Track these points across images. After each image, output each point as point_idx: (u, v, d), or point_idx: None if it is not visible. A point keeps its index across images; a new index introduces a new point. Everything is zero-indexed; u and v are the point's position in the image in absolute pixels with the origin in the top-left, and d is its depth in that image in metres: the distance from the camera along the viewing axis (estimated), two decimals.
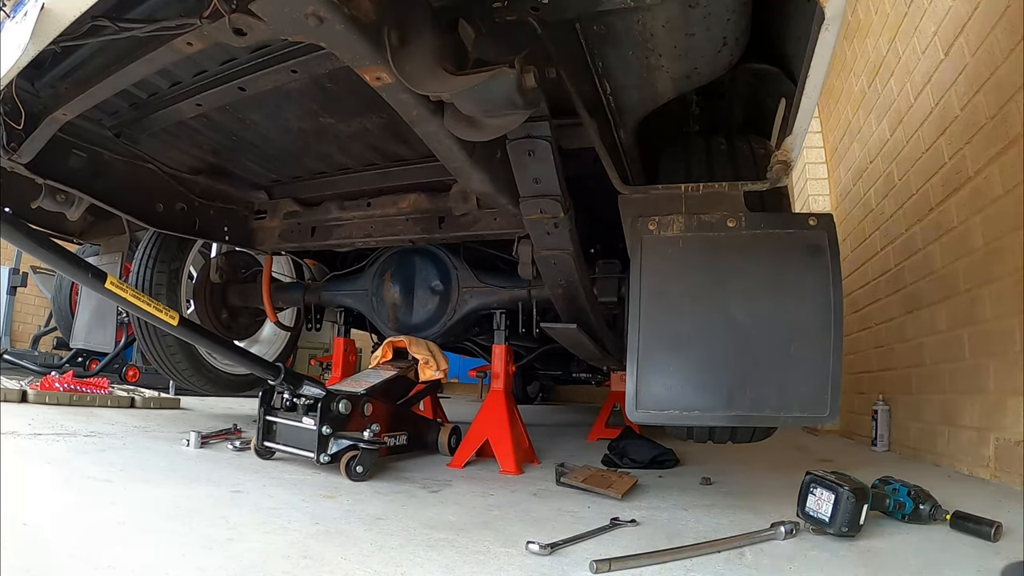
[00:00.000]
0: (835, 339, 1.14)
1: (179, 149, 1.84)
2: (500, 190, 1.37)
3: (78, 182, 1.67)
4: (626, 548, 1.08)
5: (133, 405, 2.80)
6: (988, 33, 1.75)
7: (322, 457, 1.57)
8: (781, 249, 1.21)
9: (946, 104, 2.04)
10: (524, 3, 1.03)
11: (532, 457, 2.05)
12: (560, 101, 1.22)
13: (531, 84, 0.94)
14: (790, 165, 1.20)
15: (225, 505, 1.21)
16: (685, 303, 1.22)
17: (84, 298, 2.53)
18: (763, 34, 1.33)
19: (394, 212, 2.03)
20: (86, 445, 1.73)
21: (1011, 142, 1.64)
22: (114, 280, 1.41)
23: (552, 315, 1.86)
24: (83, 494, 1.19)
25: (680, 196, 1.30)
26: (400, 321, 2.25)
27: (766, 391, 1.16)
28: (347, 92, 1.43)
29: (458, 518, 1.24)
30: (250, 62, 1.33)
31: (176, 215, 2.00)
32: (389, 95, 0.99)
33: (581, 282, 1.61)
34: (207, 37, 0.99)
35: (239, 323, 2.69)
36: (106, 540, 0.93)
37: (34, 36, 0.95)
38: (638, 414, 1.21)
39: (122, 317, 3.20)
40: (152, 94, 1.53)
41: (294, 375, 1.69)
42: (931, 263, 2.16)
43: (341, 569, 0.89)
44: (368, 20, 0.84)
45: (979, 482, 1.67)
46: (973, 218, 1.85)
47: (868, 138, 2.88)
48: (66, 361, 4.22)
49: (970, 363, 1.86)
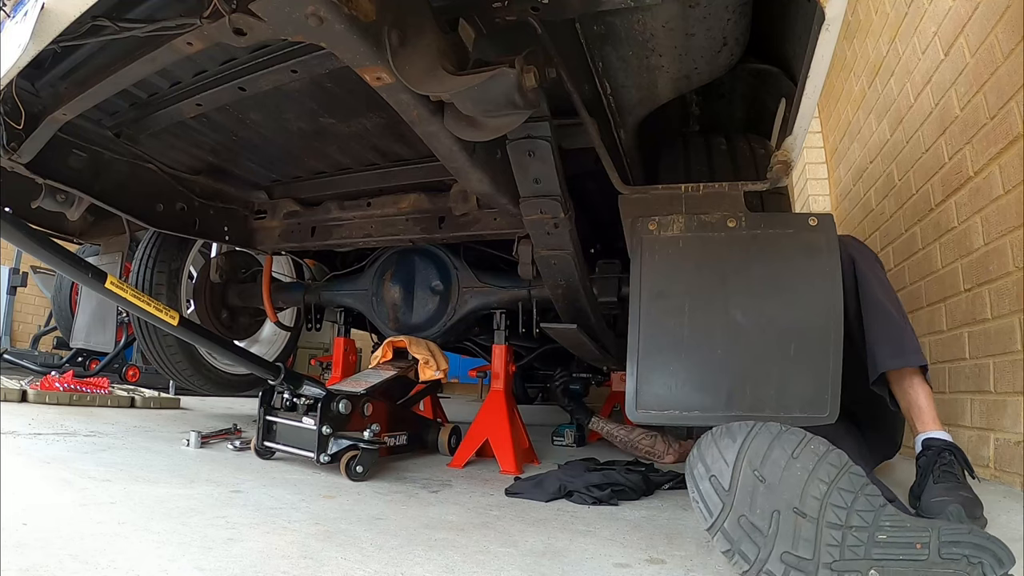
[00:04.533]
0: (835, 339, 1.14)
1: (179, 149, 1.84)
2: (500, 190, 1.37)
3: (78, 182, 1.67)
4: (626, 547, 1.08)
5: (133, 405, 2.80)
6: (988, 33, 1.75)
7: (322, 457, 1.57)
8: (781, 249, 1.21)
9: (946, 104, 2.04)
10: (524, 3, 1.03)
11: (532, 457, 2.05)
12: (560, 101, 1.22)
13: (531, 84, 0.94)
14: (790, 165, 1.20)
15: (225, 505, 1.21)
16: (685, 303, 1.22)
17: (84, 298, 2.53)
18: (763, 34, 1.33)
19: (394, 212, 2.03)
20: (86, 445, 1.73)
21: (1011, 142, 1.64)
22: (114, 280, 1.41)
23: (552, 315, 1.86)
24: (83, 494, 1.19)
25: (680, 196, 1.30)
26: (400, 321, 2.25)
27: (766, 391, 1.16)
28: (347, 92, 1.43)
29: (458, 518, 1.24)
30: (250, 62, 1.33)
31: (176, 215, 2.00)
32: (389, 95, 0.99)
33: (581, 282, 1.61)
34: (207, 37, 1.00)
35: (239, 323, 2.69)
36: (106, 540, 0.93)
37: (34, 36, 0.95)
38: (638, 414, 1.21)
39: (122, 317, 3.21)
40: (152, 94, 1.53)
41: (294, 375, 1.69)
42: (931, 263, 2.16)
43: (341, 569, 0.89)
44: (368, 20, 0.84)
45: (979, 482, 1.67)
46: (973, 218, 1.85)
47: (868, 138, 2.88)
48: (66, 361, 4.22)
49: (970, 363, 1.86)
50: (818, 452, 0.71)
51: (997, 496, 1.48)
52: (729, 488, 0.69)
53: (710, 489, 0.71)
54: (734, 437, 0.72)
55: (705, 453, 0.74)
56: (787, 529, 0.66)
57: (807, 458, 0.69)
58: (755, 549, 0.66)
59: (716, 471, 0.71)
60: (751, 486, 0.69)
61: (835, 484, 0.68)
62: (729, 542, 0.67)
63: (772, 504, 0.67)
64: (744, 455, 0.70)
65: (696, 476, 0.73)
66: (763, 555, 0.65)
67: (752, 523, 0.67)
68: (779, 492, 0.68)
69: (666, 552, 1.07)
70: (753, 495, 0.68)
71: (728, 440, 0.72)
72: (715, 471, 0.71)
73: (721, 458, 0.71)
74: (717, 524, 0.69)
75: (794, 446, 0.71)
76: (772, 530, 0.66)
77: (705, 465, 0.72)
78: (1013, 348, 1.62)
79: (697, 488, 0.73)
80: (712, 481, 0.71)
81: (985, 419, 1.75)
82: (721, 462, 0.71)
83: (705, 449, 0.75)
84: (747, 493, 0.68)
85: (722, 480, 0.70)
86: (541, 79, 0.96)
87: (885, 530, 0.66)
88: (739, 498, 0.68)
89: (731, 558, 0.68)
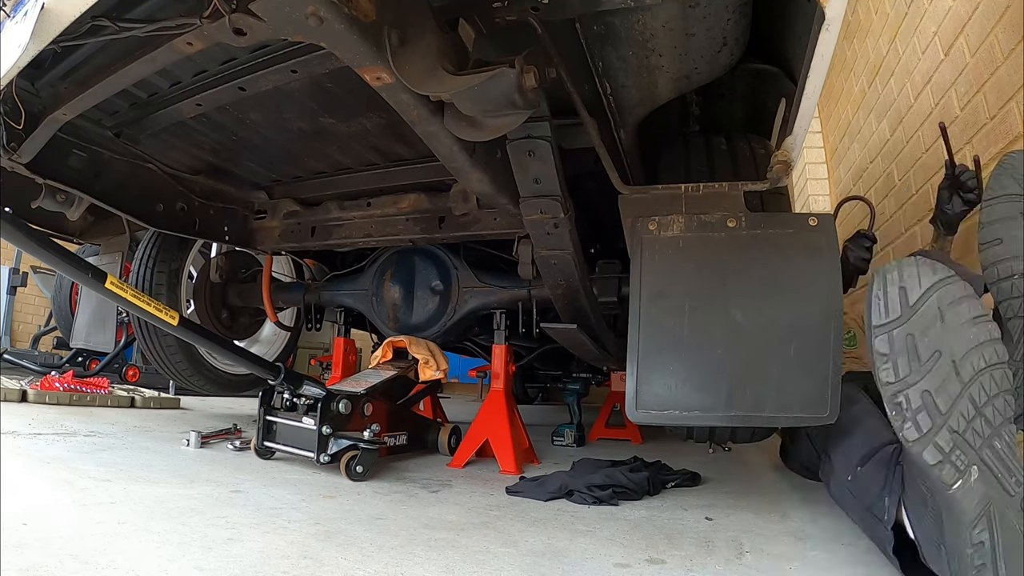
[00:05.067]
0: (835, 339, 1.14)
1: (179, 149, 1.84)
2: (500, 190, 1.37)
3: (78, 182, 1.67)
4: (626, 547, 1.08)
5: (133, 405, 2.80)
6: (988, 33, 1.75)
7: (322, 457, 1.57)
8: (781, 249, 1.21)
9: (946, 104, 2.04)
10: (524, 3, 1.03)
11: (532, 457, 2.05)
12: (560, 101, 1.22)
13: (531, 84, 0.94)
14: (790, 165, 1.20)
15: (225, 505, 1.21)
16: (685, 303, 1.22)
17: (84, 298, 2.53)
18: (763, 34, 1.33)
19: (394, 212, 2.03)
20: (86, 445, 1.73)
21: (1011, 142, 1.64)
22: (114, 280, 1.41)
23: (552, 315, 1.86)
24: (83, 494, 1.19)
25: (680, 196, 1.30)
26: (400, 321, 2.25)
27: (766, 391, 1.16)
28: (347, 92, 1.43)
29: (458, 518, 1.24)
30: (250, 62, 1.33)
31: (176, 215, 2.00)
32: (389, 95, 0.99)
33: (581, 282, 1.61)
34: (207, 37, 0.99)
35: (239, 323, 2.69)
36: (106, 540, 0.93)
37: (34, 36, 0.95)
38: (638, 414, 1.21)
39: (122, 317, 3.21)
40: (152, 94, 1.53)
41: (294, 375, 1.69)
42: None
43: (341, 569, 0.89)
44: (368, 20, 0.84)
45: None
46: (973, 218, 1.85)
47: (868, 138, 2.88)
48: (66, 361, 4.21)
49: None
50: (993, 335, 0.72)
51: None
52: (913, 305, 0.71)
53: (895, 296, 0.72)
54: (936, 271, 0.73)
55: (905, 267, 0.75)
56: (939, 372, 0.69)
57: (982, 331, 0.72)
58: (907, 370, 0.69)
59: (908, 285, 0.72)
60: (931, 317, 0.71)
61: (990, 370, 0.70)
62: (890, 346, 0.70)
63: (939, 344, 0.70)
64: (938, 289, 0.72)
65: (887, 279, 0.74)
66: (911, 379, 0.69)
67: (915, 346, 0.70)
68: (950, 339, 0.70)
69: (666, 552, 1.07)
70: (929, 325, 0.70)
71: (929, 271, 0.73)
72: (907, 285, 0.72)
73: (917, 278, 0.72)
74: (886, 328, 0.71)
75: (979, 312, 0.72)
76: (928, 364, 0.69)
77: (901, 275, 0.73)
78: None
79: (884, 288, 0.74)
80: (900, 292, 0.72)
81: None
82: (916, 281, 0.72)
83: (906, 264, 0.75)
84: (924, 319, 0.70)
85: (910, 296, 0.72)
86: (541, 79, 0.96)
87: (1003, 440, 0.69)
88: (915, 320, 0.71)
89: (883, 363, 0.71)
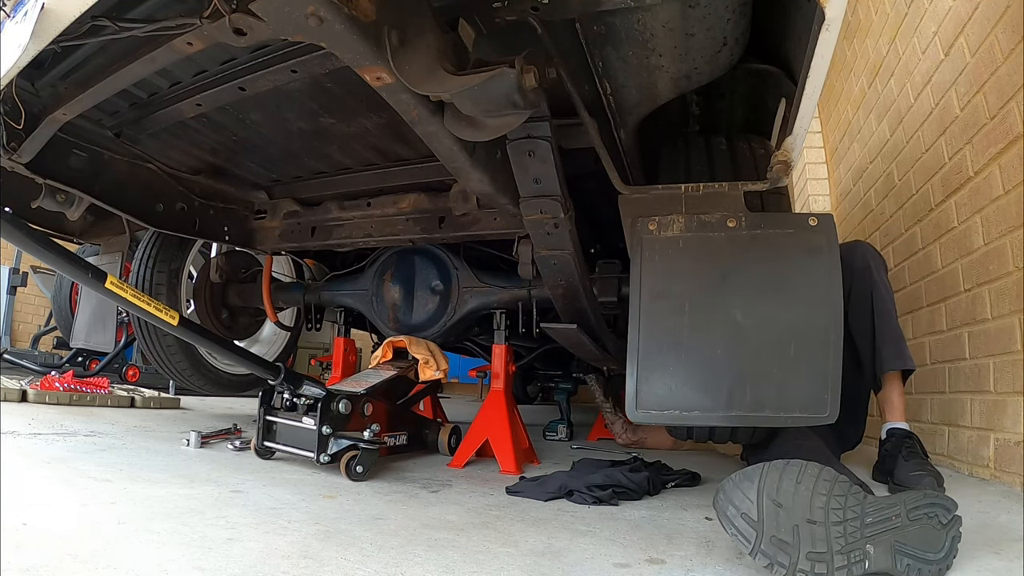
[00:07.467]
0: (835, 339, 1.15)
1: (179, 149, 1.84)
2: (500, 190, 1.37)
3: (78, 182, 1.67)
4: (626, 547, 1.08)
5: (133, 405, 2.80)
6: (988, 33, 1.75)
7: (322, 457, 1.57)
8: (781, 249, 1.21)
9: (946, 104, 2.04)
10: (524, 3, 1.03)
11: (532, 457, 2.05)
12: (560, 101, 1.22)
13: (531, 84, 0.94)
14: (790, 165, 1.20)
15: (225, 505, 1.21)
16: (685, 303, 1.22)
17: (84, 298, 2.53)
18: (763, 34, 1.33)
19: (394, 212, 2.03)
20: (86, 445, 1.73)
21: (1011, 142, 1.64)
22: (114, 280, 1.41)
23: (552, 315, 1.86)
24: (83, 494, 1.19)
25: (680, 196, 1.30)
26: (400, 321, 2.25)
27: (766, 391, 1.16)
28: (347, 92, 1.43)
29: (458, 518, 1.24)
30: (250, 62, 1.33)
31: (176, 215, 2.00)
32: (389, 95, 0.99)
33: (581, 282, 1.61)
34: (207, 37, 1.00)
35: (239, 323, 2.69)
36: (106, 540, 0.93)
37: (34, 36, 0.95)
38: (638, 414, 1.21)
39: (122, 317, 3.20)
40: (152, 94, 1.53)
41: (294, 375, 1.69)
42: (931, 263, 2.16)
43: (341, 569, 0.89)
44: (368, 20, 0.84)
45: (979, 482, 1.67)
46: (973, 218, 1.85)
47: (868, 138, 2.87)
48: (66, 361, 4.21)
49: (970, 363, 1.86)
50: (815, 474, 0.93)
51: (997, 496, 1.48)
52: (757, 518, 0.90)
53: (744, 524, 0.90)
54: (751, 479, 0.93)
55: (732, 496, 0.93)
56: (806, 535, 0.88)
57: (808, 481, 0.92)
58: (787, 557, 0.87)
59: (744, 509, 0.91)
60: (773, 512, 0.90)
61: (831, 494, 0.91)
62: (768, 558, 0.88)
63: (791, 521, 0.89)
64: (763, 490, 0.91)
65: (730, 516, 0.92)
66: (794, 559, 0.87)
67: (780, 539, 0.88)
68: (794, 511, 0.89)
69: (666, 552, 1.07)
70: (777, 518, 0.89)
71: (748, 483, 0.93)
72: (744, 509, 0.91)
73: (745, 498, 0.92)
74: (756, 548, 0.89)
75: (797, 474, 0.93)
76: (796, 540, 0.87)
77: (735, 506, 0.92)
78: (1013, 348, 1.62)
79: (733, 525, 0.92)
80: (744, 517, 0.91)
81: (985, 419, 1.75)
82: (747, 501, 0.91)
83: (731, 492, 0.94)
84: (772, 518, 0.89)
85: (751, 514, 0.90)
86: (541, 79, 0.96)
87: (871, 514, 0.90)
88: (767, 524, 0.89)
89: (772, 569, 0.89)
